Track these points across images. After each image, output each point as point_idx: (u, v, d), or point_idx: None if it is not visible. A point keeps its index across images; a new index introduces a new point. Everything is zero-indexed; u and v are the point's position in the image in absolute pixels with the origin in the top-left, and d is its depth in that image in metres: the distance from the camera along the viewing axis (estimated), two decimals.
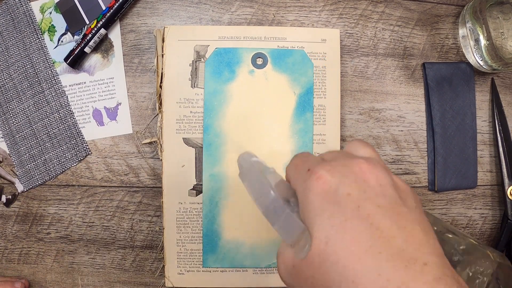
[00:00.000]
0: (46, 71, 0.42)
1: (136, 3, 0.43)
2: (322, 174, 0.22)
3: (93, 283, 0.42)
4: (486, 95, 0.44)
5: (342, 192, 0.21)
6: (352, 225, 0.20)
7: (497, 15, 0.40)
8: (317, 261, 0.21)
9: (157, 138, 0.42)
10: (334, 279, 0.20)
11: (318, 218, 0.21)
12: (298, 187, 0.23)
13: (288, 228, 0.23)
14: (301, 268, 0.22)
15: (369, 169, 0.22)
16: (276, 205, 0.24)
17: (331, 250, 0.20)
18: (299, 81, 0.41)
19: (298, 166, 0.24)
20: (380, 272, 0.19)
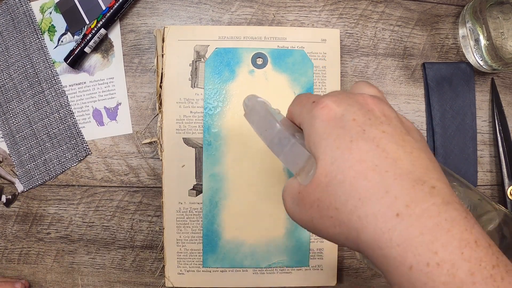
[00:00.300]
0: (46, 71, 0.42)
1: (136, 3, 0.43)
2: (328, 103, 0.22)
3: (93, 283, 0.42)
4: (486, 95, 0.44)
5: (347, 118, 0.21)
6: (358, 145, 0.20)
7: (497, 15, 0.40)
8: (324, 182, 0.21)
9: (157, 138, 0.42)
10: (340, 198, 0.20)
11: (324, 141, 0.21)
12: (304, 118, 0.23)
13: (293, 157, 0.23)
14: (307, 193, 0.22)
15: (373, 102, 0.22)
16: (281, 136, 0.24)
17: (337, 169, 0.20)
18: (299, 81, 0.41)
19: (303, 101, 0.24)
20: (388, 189, 0.19)
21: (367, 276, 0.44)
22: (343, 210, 0.20)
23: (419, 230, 0.18)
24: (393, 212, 0.18)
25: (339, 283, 0.43)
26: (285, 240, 0.41)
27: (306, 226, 0.23)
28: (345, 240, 0.21)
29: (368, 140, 0.20)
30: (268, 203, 0.41)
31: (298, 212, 0.23)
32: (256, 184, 0.40)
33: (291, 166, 0.24)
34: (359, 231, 0.19)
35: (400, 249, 0.18)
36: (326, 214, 0.21)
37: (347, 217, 0.20)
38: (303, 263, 0.41)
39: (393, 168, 0.19)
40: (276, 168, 0.41)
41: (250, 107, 0.27)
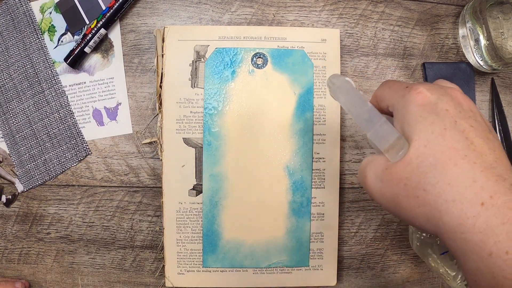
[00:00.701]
0: (46, 71, 0.42)
1: (136, 3, 0.43)
2: (422, 90, 0.23)
3: (93, 283, 0.42)
4: (486, 95, 0.44)
5: (441, 107, 0.23)
6: (450, 134, 0.22)
7: (497, 15, 0.40)
8: (415, 162, 0.22)
9: (157, 138, 0.42)
10: (430, 180, 0.21)
11: (420, 124, 0.22)
12: (396, 100, 0.25)
13: (383, 133, 0.24)
14: (395, 170, 0.23)
15: (462, 96, 0.24)
16: (372, 114, 0.25)
17: (430, 152, 0.22)
18: (299, 81, 0.41)
19: (394, 85, 0.26)
20: (475, 179, 0.20)
21: (367, 276, 0.44)
22: (431, 191, 0.21)
23: (501, 220, 0.19)
24: (479, 200, 0.20)
25: (339, 283, 0.43)
26: (285, 240, 0.41)
27: (385, 201, 0.24)
28: (425, 220, 0.22)
29: (459, 130, 0.22)
30: (268, 203, 0.41)
31: (381, 187, 0.24)
32: (256, 184, 0.40)
33: (380, 143, 0.25)
34: (442, 213, 0.21)
35: (482, 236, 0.20)
36: (412, 193, 0.22)
37: (433, 199, 0.21)
38: (303, 263, 0.41)
39: (480, 161, 0.21)
40: (276, 168, 0.41)
41: (337, 85, 0.28)
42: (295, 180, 0.41)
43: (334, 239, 0.42)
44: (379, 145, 0.25)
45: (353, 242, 0.43)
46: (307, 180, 0.41)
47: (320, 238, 0.41)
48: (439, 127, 0.22)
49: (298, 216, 0.41)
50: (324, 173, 0.41)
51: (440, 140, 0.22)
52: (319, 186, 0.41)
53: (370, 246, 0.44)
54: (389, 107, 0.26)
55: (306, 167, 0.41)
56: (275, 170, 0.41)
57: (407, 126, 0.23)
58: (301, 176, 0.41)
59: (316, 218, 0.41)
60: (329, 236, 0.42)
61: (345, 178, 0.43)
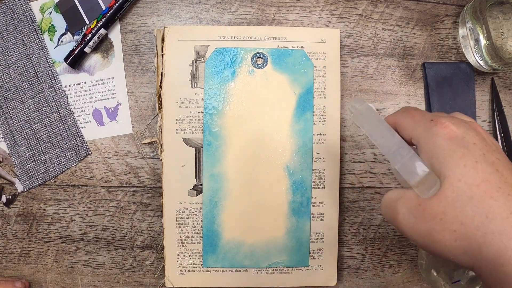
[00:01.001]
0: (46, 71, 0.42)
1: (136, 3, 0.43)
2: (448, 124, 0.24)
3: (93, 283, 0.42)
4: (486, 95, 0.44)
5: (468, 140, 0.23)
6: (482, 167, 0.22)
7: (497, 15, 0.40)
8: (451, 197, 0.22)
9: (157, 138, 0.42)
10: (468, 213, 0.21)
11: (450, 159, 0.23)
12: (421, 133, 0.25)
13: (413, 168, 0.24)
14: (430, 205, 0.23)
15: (483, 131, 0.25)
16: (400, 146, 0.25)
17: (465, 186, 0.22)
18: (299, 81, 0.41)
19: (417, 116, 0.26)
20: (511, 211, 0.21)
21: (367, 276, 0.44)
22: (469, 225, 0.21)
23: None
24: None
25: (339, 283, 0.43)
26: (285, 240, 0.41)
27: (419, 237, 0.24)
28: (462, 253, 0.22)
29: (489, 163, 0.22)
30: (268, 203, 0.41)
31: (415, 223, 0.24)
32: (256, 184, 0.40)
33: (409, 177, 0.24)
34: (482, 246, 0.21)
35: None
36: (449, 227, 0.22)
37: (472, 232, 0.21)
38: (303, 263, 0.41)
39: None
40: (276, 168, 0.41)
41: (361, 111, 0.28)
42: (295, 180, 0.41)
43: (334, 239, 0.42)
44: (408, 179, 0.24)
45: (353, 242, 0.43)
46: (307, 180, 0.41)
47: (320, 238, 0.41)
48: (471, 160, 0.22)
49: (298, 216, 0.41)
50: (324, 173, 0.41)
51: (473, 173, 0.22)
52: (319, 186, 0.41)
53: (370, 246, 0.44)
54: (412, 139, 0.26)
55: (306, 167, 0.41)
56: (275, 170, 0.41)
57: (436, 161, 0.23)
58: (301, 176, 0.41)
59: (316, 218, 0.41)
60: (329, 236, 0.42)
61: (345, 178, 0.43)
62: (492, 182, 0.22)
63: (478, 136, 0.23)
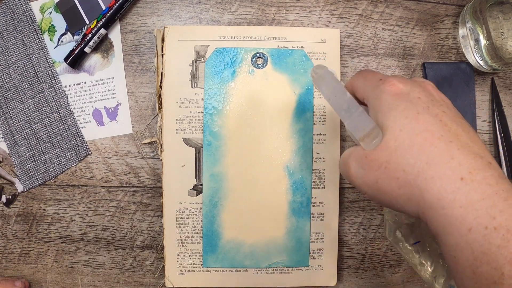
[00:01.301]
0: (46, 71, 0.42)
1: (136, 3, 0.43)
2: (395, 82, 0.24)
3: (93, 283, 0.42)
4: (486, 95, 0.44)
5: (413, 95, 0.24)
6: (424, 118, 0.22)
7: (497, 15, 0.40)
8: (392, 146, 0.23)
9: (157, 138, 0.42)
10: (409, 161, 0.22)
11: (393, 111, 0.23)
12: (370, 91, 0.26)
13: (360, 123, 0.25)
14: (375, 156, 0.24)
15: (433, 88, 0.25)
16: (350, 104, 0.26)
17: (406, 135, 0.22)
18: (299, 81, 0.41)
19: (368, 76, 0.27)
20: (453, 156, 0.21)
21: (367, 276, 0.44)
22: (410, 171, 0.22)
23: (480, 195, 0.20)
24: (458, 175, 0.20)
25: (339, 283, 0.43)
26: (285, 240, 0.41)
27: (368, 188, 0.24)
28: (406, 200, 0.22)
29: (432, 114, 0.23)
30: (268, 203, 0.41)
31: (363, 174, 0.24)
32: (256, 184, 0.40)
33: (357, 131, 0.25)
34: (423, 191, 0.21)
35: (462, 210, 0.20)
36: (393, 175, 0.23)
37: (413, 178, 0.22)
38: (303, 263, 0.41)
39: (456, 140, 0.22)
40: (276, 168, 0.41)
41: (320, 75, 0.29)
42: (295, 180, 0.41)
43: (334, 239, 0.42)
44: (355, 134, 0.26)
45: (353, 242, 0.43)
46: (307, 180, 0.41)
47: (320, 238, 0.41)
48: (412, 112, 0.23)
49: (298, 216, 0.41)
50: (324, 173, 0.41)
51: (414, 123, 0.22)
52: (319, 186, 0.41)
53: (370, 246, 0.44)
54: (364, 99, 0.26)
55: (306, 167, 0.41)
56: (275, 170, 0.41)
57: (380, 115, 0.24)
58: (301, 176, 0.41)
59: (316, 218, 0.41)
60: (329, 236, 0.42)
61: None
62: (434, 131, 0.22)
63: (424, 92, 0.24)
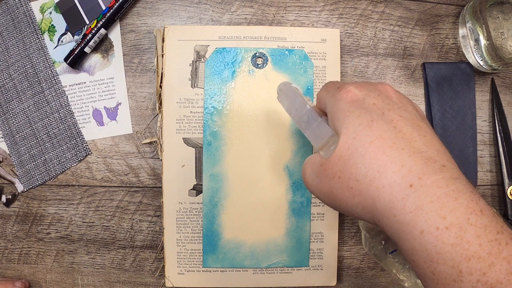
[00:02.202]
0: (46, 71, 0.42)
1: (136, 3, 0.43)
2: (351, 89, 0.25)
3: (93, 283, 0.42)
4: (486, 95, 0.44)
5: (368, 102, 0.24)
6: (377, 125, 0.22)
7: (497, 15, 0.40)
8: (346, 155, 0.23)
9: (157, 138, 0.42)
10: (361, 170, 0.22)
11: (347, 119, 0.23)
12: (328, 100, 0.26)
13: (318, 133, 0.26)
14: (329, 165, 0.24)
15: (392, 90, 0.25)
16: (310, 115, 0.27)
17: (359, 144, 0.22)
18: (299, 81, 0.41)
19: (328, 87, 0.27)
20: (403, 163, 0.21)
21: (367, 276, 0.44)
22: (363, 181, 0.22)
23: (429, 198, 0.20)
24: (407, 182, 0.21)
25: (339, 283, 0.43)
26: (285, 240, 0.41)
27: (324, 197, 0.24)
28: (361, 209, 0.23)
29: (387, 121, 0.23)
30: (268, 203, 0.41)
31: (318, 183, 0.24)
32: (256, 184, 0.40)
33: (316, 142, 0.26)
34: (375, 200, 0.22)
35: (412, 215, 0.20)
36: (346, 184, 0.23)
37: (366, 187, 0.22)
38: (303, 263, 0.41)
39: (408, 147, 0.22)
40: (276, 168, 0.41)
41: (283, 91, 0.30)
42: (295, 180, 0.41)
43: (334, 239, 0.42)
44: (315, 144, 0.26)
45: (353, 242, 0.43)
46: None
47: (320, 238, 0.41)
48: (366, 119, 0.23)
49: (298, 216, 0.41)
50: None
51: (367, 131, 0.22)
52: None
53: None
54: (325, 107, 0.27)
55: None
56: (275, 170, 0.41)
57: (336, 122, 0.24)
58: (301, 176, 0.41)
59: (316, 218, 0.41)
60: (329, 236, 0.42)
61: None
62: (386, 138, 0.22)
63: (380, 96, 0.24)
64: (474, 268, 0.19)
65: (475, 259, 0.19)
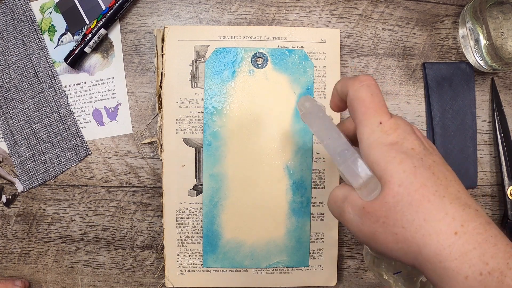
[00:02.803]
0: (46, 71, 0.42)
1: (136, 3, 0.43)
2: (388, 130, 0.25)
3: (93, 283, 0.42)
4: (486, 95, 0.44)
5: (407, 146, 0.24)
6: (420, 172, 0.23)
7: (497, 15, 0.40)
8: (392, 202, 0.23)
9: (157, 138, 0.42)
10: (407, 217, 0.23)
11: (390, 164, 0.24)
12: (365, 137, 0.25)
13: (356, 170, 0.25)
14: (373, 209, 0.24)
15: (421, 134, 0.26)
16: (345, 148, 0.26)
17: (405, 192, 0.23)
18: (299, 81, 0.41)
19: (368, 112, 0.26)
20: (447, 211, 0.22)
21: (367, 276, 0.44)
22: (409, 228, 0.23)
23: (472, 245, 0.22)
24: (452, 230, 0.22)
25: (339, 283, 0.43)
26: (285, 240, 0.41)
27: (363, 237, 0.25)
28: (403, 254, 0.24)
29: (426, 167, 0.24)
30: (268, 203, 0.41)
31: (360, 223, 0.25)
32: (256, 184, 0.40)
33: (352, 179, 0.25)
34: (421, 247, 0.23)
35: (457, 262, 0.21)
36: (391, 230, 0.23)
37: (411, 235, 0.23)
38: (303, 263, 0.41)
39: (447, 194, 0.23)
40: (276, 168, 0.41)
41: (309, 109, 0.29)
42: (295, 180, 0.41)
43: (334, 239, 0.42)
44: (351, 181, 0.25)
45: (353, 242, 0.43)
46: (307, 180, 0.41)
47: (320, 238, 0.41)
48: (409, 165, 0.23)
49: (298, 216, 0.41)
50: (324, 173, 0.41)
51: (412, 178, 0.23)
52: (319, 186, 0.41)
53: None
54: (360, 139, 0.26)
55: (306, 167, 0.41)
56: (275, 170, 0.41)
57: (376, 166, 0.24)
58: (301, 176, 0.41)
59: (316, 218, 0.41)
60: (329, 236, 0.42)
61: None
62: (429, 186, 0.23)
63: (417, 140, 0.25)
64: None
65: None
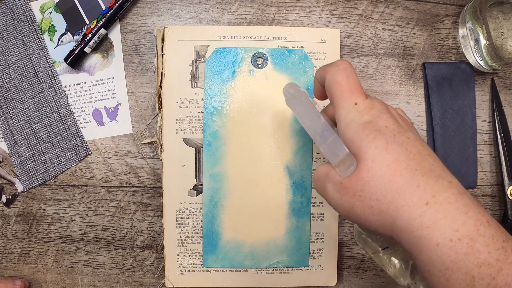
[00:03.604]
0: (46, 71, 0.42)
1: (136, 3, 0.43)
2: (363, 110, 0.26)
3: (93, 283, 0.42)
4: (486, 95, 0.44)
5: (381, 124, 0.26)
6: (392, 147, 0.25)
7: (497, 15, 0.40)
8: (366, 176, 0.25)
9: (157, 138, 0.42)
10: (381, 191, 0.24)
11: (364, 141, 0.25)
12: (342, 117, 0.27)
13: (334, 149, 0.27)
14: (349, 184, 0.26)
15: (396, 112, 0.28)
16: (325, 129, 0.28)
17: (377, 166, 0.25)
18: (299, 81, 0.41)
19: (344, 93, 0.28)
20: (418, 184, 0.24)
21: (367, 276, 0.44)
22: (383, 201, 0.24)
23: (442, 214, 0.23)
24: (423, 201, 0.23)
25: (339, 283, 0.43)
26: (285, 240, 0.41)
27: (343, 211, 0.27)
28: (380, 225, 0.25)
29: (399, 143, 0.25)
30: (268, 203, 0.41)
31: (338, 198, 0.27)
32: (256, 184, 0.40)
33: (331, 158, 0.27)
34: (395, 218, 0.24)
35: (429, 230, 0.23)
36: (367, 203, 0.25)
37: (386, 207, 0.24)
38: (303, 263, 0.41)
39: (420, 167, 0.24)
40: (276, 168, 0.41)
41: (293, 95, 0.30)
42: (295, 180, 0.41)
43: (334, 239, 0.42)
44: (330, 159, 0.27)
45: (353, 242, 0.43)
46: (307, 180, 0.41)
47: (320, 238, 0.41)
48: (382, 142, 0.25)
49: (298, 216, 0.41)
50: None
51: (384, 154, 0.25)
52: None
53: None
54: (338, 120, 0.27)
55: (306, 167, 0.41)
56: (275, 170, 0.41)
57: (351, 143, 0.26)
58: (301, 176, 0.41)
59: (316, 218, 0.41)
60: (329, 236, 0.42)
61: None
62: (401, 160, 0.24)
63: (391, 118, 0.26)
64: (485, 274, 0.21)
65: (485, 265, 0.21)
